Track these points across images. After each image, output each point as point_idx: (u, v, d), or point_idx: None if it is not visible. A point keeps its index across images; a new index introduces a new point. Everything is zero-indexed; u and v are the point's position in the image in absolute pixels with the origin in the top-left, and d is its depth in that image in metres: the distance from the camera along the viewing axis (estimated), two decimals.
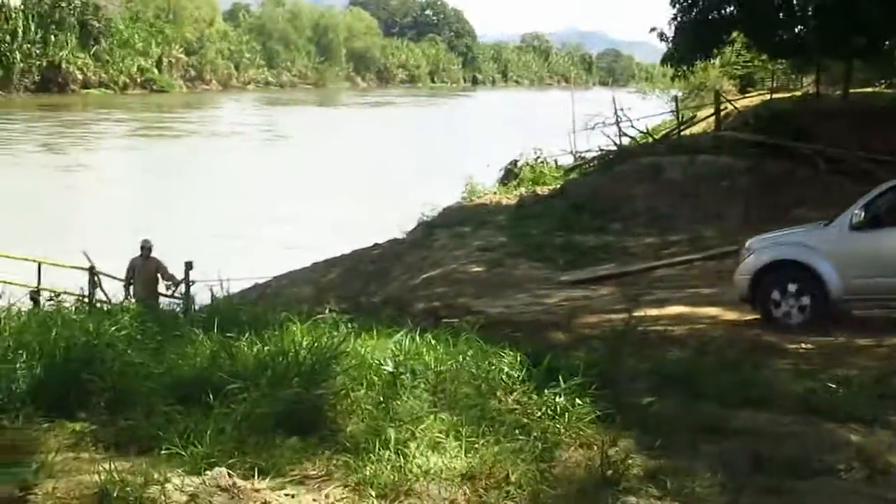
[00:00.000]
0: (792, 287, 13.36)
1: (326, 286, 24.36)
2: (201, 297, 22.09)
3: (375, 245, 26.67)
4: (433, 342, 7.67)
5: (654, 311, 14.08)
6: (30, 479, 5.34)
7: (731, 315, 14.34)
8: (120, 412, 6.45)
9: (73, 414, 6.45)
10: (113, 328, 7.81)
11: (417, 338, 7.73)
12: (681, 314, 14.43)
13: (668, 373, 7.66)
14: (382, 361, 7.10)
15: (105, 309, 8.78)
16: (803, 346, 11.64)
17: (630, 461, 5.90)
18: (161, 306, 19.12)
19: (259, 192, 43.79)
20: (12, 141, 68.18)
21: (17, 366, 6.76)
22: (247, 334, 7.81)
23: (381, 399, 6.53)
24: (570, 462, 6.05)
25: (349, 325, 8.60)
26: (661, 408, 6.81)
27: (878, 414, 7.09)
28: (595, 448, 6.20)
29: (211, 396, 6.48)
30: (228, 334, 7.82)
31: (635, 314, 11.56)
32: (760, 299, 13.61)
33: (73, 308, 8.91)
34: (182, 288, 19.81)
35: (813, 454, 6.22)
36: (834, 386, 7.73)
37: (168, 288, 19.82)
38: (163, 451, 5.75)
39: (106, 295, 20.61)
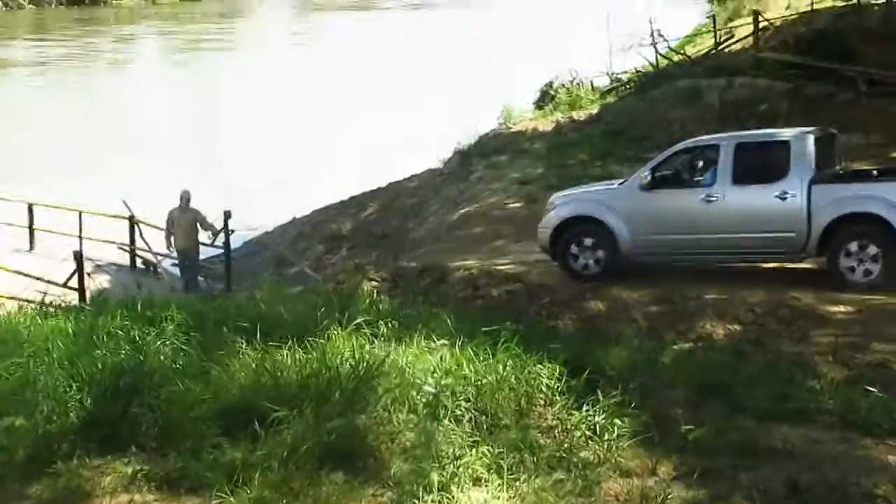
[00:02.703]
0: (587, 241, 14.22)
1: (365, 222, 24.52)
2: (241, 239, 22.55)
3: (412, 177, 26.67)
4: (472, 353, 7.75)
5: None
6: None
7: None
8: (170, 444, 6.64)
9: (124, 448, 6.64)
10: (158, 341, 7.98)
11: (458, 350, 7.81)
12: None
13: (706, 382, 7.70)
14: (423, 380, 7.21)
15: (148, 315, 8.90)
16: (843, 310, 11.62)
17: (669, 495, 6.00)
18: (200, 256, 19.50)
19: (296, 113, 43.61)
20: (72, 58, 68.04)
21: (68, 396, 6.95)
22: (289, 342, 7.95)
23: (423, 430, 6.64)
24: (609, 494, 6.17)
25: (390, 324, 8.72)
26: (699, 428, 6.86)
27: None
28: (634, 478, 6.32)
29: (257, 424, 6.66)
30: (271, 343, 7.96)
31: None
32: (560, 251, 14.40)
33: (117, 312, 9.01)
34: (222, 237, 19.98)
35: (849, 477, 6.30)
36: (872, 390, 7.75)
37: (209, 238, 20.00)
38: (213, 501, 5.92)
39: (147, 244, 20.89)
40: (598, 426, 6.91)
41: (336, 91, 48.20)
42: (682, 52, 31.27)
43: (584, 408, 7.11)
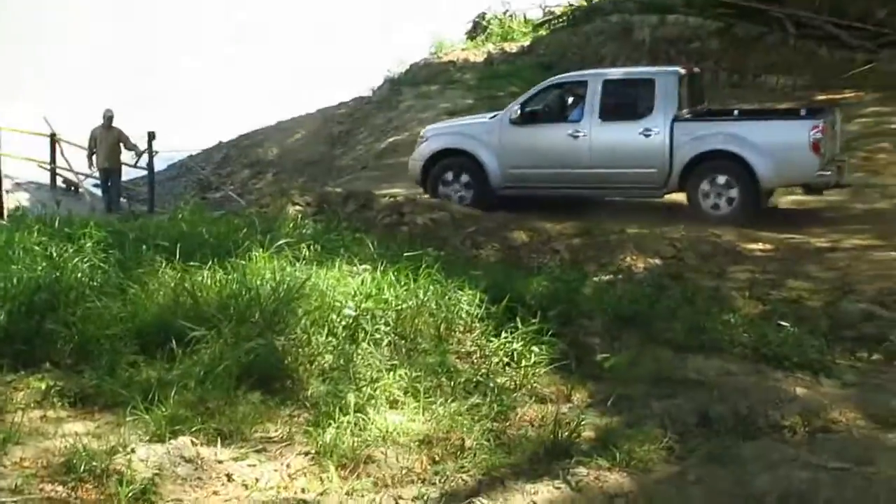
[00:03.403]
0: (457, 174, 14.83)
1: (292, 148, 24.34)
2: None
3: (341, 104, 26.49)
4: (394, 278, 7.75)
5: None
6: None
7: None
8: (85, 361, 6.57)
9: (38, 364, 6.57)
10: (76, 258, 7.86)
11: (379, 275, 7.80)
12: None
13: (624, 313, 7.80)
14: (344, 303, 7.20)
15: (66, 232, 8.75)
16: (761, 248, 11.83)
17: (583, 422, 6.07)
18: (123, 177, 19.22)
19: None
20: None
21: None
22: (209, 263, 7.86)
23: (342, 352, 6.65)
24: (524, 420, 6.23)
25: (313, 247, 8.67)
26: (615, 357, 6.96)
27: (825, 361, 7.30)
28: (549, 404, 6.40)
29: (174, 343, 6.60)
30: (191, 263, 7.88)
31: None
32: (431, 184, 14.94)
33: (35, 228, 8.84)
34: (145, 158, 19.70)
35: (759, 408, 6.42)
36: (785, 324, 7.90)
37: (132, 158, 19.70)
38: (128, 417, 5.87)
39: (68, 163, 20.54)
40: (515, 353, 6.97)
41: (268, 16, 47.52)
42: None
43: (503, 335, 7.15)
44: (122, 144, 19.08)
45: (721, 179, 13.65)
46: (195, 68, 35.77)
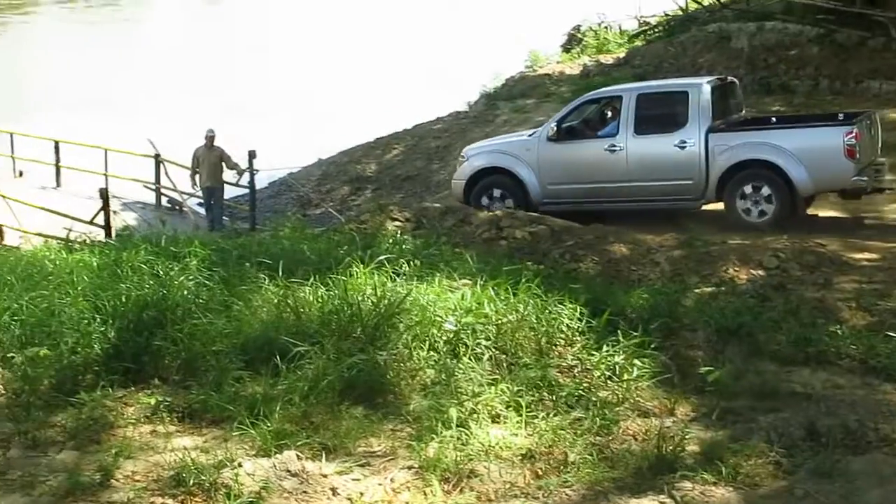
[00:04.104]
0: (498, 192, 15.22)
1: (389, 164, 24.48)
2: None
3: (437, 119, 26.58)
4: (494, 293, 7.75)
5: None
6: (110, 463, 5.61)
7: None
8: (192, 377, 6.72)
9: (147, 380, 6.75)
10: (181, 276, 8.03)
11: (479, 290, 7.82)
12: None
13: (728, 325, 7.70)
14: (444, 318, 7.23)
15: (172, 251, 8.94)
16: (868, 257, 11.58)
17: (687, 436, 6.01)
18: (225, 196, 19.57)
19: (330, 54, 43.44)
20: None
21: (92, 328, 7.02)
22: (311, 279, 7.97)
23: (443, 366, 6.68)
24: (627, 434, 6.19)
25: (412, 263, 8.73)
26: (719, 370, 6.87)
27: None
28: (653, 418, 6.35)
29: (278, 358, 6.70)
30: (293, 279, 8.00)
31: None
32: (474, 202, 15.13)
33: (141, 247, 9.04)
34: (247, 176, 20.04)
35: (868, 421, 6.28)
36: (894, 335, 7.71)
37: (233, 177, 20.05)
38: (234, 431, 5.98)
39: (172, 182, 21.00)
40: (617, 367, 6.92)
41: (361, 33, 47.98)
42: None
43: (604, 348, 7.11)
44: (223, 163, 19.46)
45: (757, 188, 13.86)
46: (294, 83, 36.12)
